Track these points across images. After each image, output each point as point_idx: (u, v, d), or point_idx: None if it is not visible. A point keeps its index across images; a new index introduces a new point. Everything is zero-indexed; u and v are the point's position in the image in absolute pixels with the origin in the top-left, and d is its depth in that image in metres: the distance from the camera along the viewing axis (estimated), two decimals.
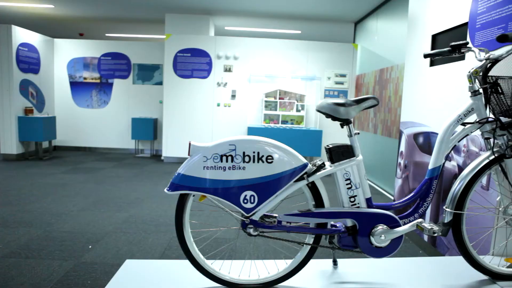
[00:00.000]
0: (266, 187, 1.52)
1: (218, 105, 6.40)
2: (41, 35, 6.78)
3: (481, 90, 1.63)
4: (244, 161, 1.51)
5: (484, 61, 1.60)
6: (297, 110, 6.18)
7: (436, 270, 1.85)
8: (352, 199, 1.58)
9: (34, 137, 6.19)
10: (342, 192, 1.58)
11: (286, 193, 1.54)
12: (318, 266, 1.87)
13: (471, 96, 1.64)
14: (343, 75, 6.31)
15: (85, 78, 7.22)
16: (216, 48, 6.33)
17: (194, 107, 6.42)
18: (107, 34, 9.28)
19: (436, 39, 2.81)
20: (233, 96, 6.36)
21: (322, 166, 1.56)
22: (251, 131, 5.74)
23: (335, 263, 1.87)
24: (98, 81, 7.22)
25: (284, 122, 6.22)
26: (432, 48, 2.86)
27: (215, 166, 1.51)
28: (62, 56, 7.21)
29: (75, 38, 8.95)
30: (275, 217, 1.57)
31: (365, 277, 1.76)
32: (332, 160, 1.58)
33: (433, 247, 2.73)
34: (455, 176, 2.49)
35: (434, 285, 1.70)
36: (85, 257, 2.55)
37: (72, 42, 7.24)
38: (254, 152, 1.51)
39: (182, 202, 1.59)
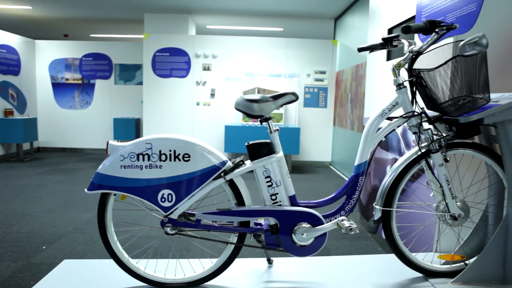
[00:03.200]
0: (183, 186, 1.50)
1: (198, 104, 6.38)
2: (20, 36, 6.77)
3: (406, 84, 1.60)
4: (160, 160, 1.49)
5: (408, 53, 1.56)
6: (276, 108, 6.14)
7: (370, 268, 1.82)
8: (273, 197, 1.55)
9: (14, 139, 6.18)
10: (263, 190, 1.55)
11: (204, 191, 1.51)
12: (252, 264, 1.84)
13: (396, 90, 1.61)
14: (323, 72, 6.27)
15: (67, 79, 7.20)
16: (194, 47, 6.30)
17: (174, 107, 6.40)
18: (91, 35, 9.26)
19: (391, 32, 2.78)
20: (212, 95, 6.33)
21: (241, 164, 1.54)
22: (228, 129, 5.71)
23: (269, 261, 1.84)
24: (80, 82, 7.20)
25: None
26: None
27: (132, 165, 1.49)
28: (43, 57, 7.20)
29: (59, 39, 8.93)
30: (195, 215, 1.55)
31: (297, 275, 1.73)
32: (251, 157, 1.55)
33: None
34: None
35: (365, 283, 1.68)
36: (35, 258, 2.53)
37: (54, 43, 7.22)
38: (170, 151, 1.49)
39: (103, 201, 1.57)
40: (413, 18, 2.38)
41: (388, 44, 1.68)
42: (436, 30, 1.44)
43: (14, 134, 6.14)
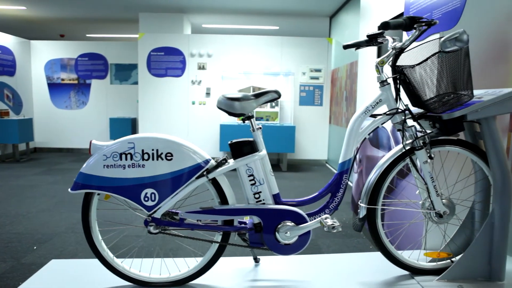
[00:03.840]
0: (166, 185, 1.49)
1: (193, 103, 6.37)
2: (15, 37, 6.76)
3: (389, 80, 1.59)
4: (143, 159, 1.49)
5: (391, 50, 1.56)
6: (272, 107, 6.14)
7: (357, 266, 1.82)
8: (256, 196, 1.55)
9: (10, 140, 6.18)
10: (246, 188, 1.55)
11: (187, 190, 1.51)
12: (239, 263, 1.84)
13: (379, 87, 1.60)
14: (318, 70, 6.26)
15: (62, 80, 7.20)
16: (189, 46, 6.29)
17: (170, 106, 6.39)
18: (87, 35, 9.25)
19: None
20: (208, 94, 6.33)
21: (223, 162, 1.53)
22: (224, 128, 5.71)
23: (256, 260, 1.84)
24: (75, 82, 7.20)
25: (259, 118, 6.17)
26: None
27: (114, 165, 1.49)
28: (39, 57, 7.19)
29: (55, 39, 8.92)
30: (178, 214, 1.55)
31: (283, 274, 1.73)
32: (234, 156, 1.54)
33: None
34: None
35: (351, 281, 1.67)
36: (26, 258, 2.53)
37: (49, 43, 7.21)
38: (153, 150, 1.49)
39: (87, 201, 1.57)
40: (402, 15, 2.37)
41: (373, 41, 1.67)
42: (415, 26, 1.43)
43: (9, 134, 6.14)
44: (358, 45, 1.72)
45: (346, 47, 1.78)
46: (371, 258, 1.91)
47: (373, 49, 2.91)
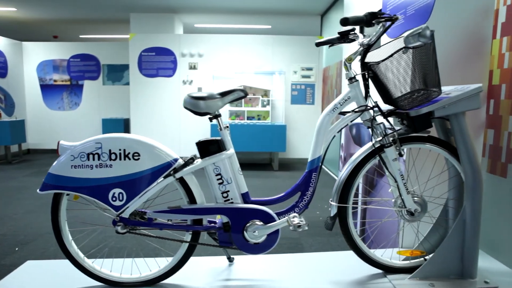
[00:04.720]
0: (133, 184, 1.49)
1: None
2: (7, 38, 6.75)
3: (358, 77, 1.58)
4: (110, 159, 1.48)
5: (359, 46, 1.55)
6: (263, 106, 6.13)
7: (331, 265, 1.81)
8: (224, 195, 1.54)
9: (1, 141, 6.17)
10: (214, 187, 1.54)
11: (155, 189, 1.50)
12: (212, 262, 1.83)
13: (348, 84, 1.59)
14: (310, 69, 6.25)
15: (55, 81, 7.20)
16: (180, 46, 6.29)
17: (161, 106, 6.39)
18: (80, 36, 9.23)
19: (362, 27, 2.76)
20: None
21: (191, 162, 1.52)
22: (214, 128, 5.70)
23: (229, 259, 1.83)
24: (68, 83, 7.20)
25: (250, 118, 6.16)
26: None
27: (82, 165, 1.48)
28: (31, 59, 7.19)
29: (49, 40, 8.91)
30: (146, 213, 1.54)
31: (256, 273, 1.72)
32: (201, 155, 1.53)
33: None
34: None
35: (324, 280, 1.66)
36: (6, 260, 2.52)
37: (41, 45, 7.21)
38: (120, 150, 1.48)
39: (56, 201, 1.57)
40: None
41: (345, 37, 1.66)
42: (373, 21, 1.42)
43: (1, 136, 6.13)
44: (330, 42, 1.71)
45: (318, 44, 1.76)
46: (346, 256, 1.90)
47: (356, 47, 2.89)
